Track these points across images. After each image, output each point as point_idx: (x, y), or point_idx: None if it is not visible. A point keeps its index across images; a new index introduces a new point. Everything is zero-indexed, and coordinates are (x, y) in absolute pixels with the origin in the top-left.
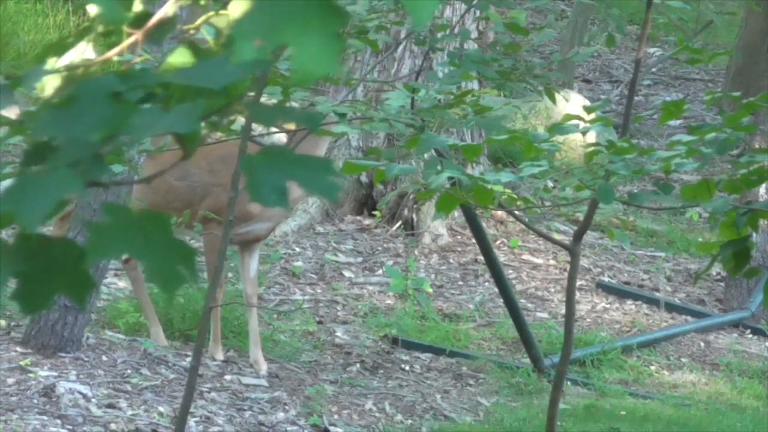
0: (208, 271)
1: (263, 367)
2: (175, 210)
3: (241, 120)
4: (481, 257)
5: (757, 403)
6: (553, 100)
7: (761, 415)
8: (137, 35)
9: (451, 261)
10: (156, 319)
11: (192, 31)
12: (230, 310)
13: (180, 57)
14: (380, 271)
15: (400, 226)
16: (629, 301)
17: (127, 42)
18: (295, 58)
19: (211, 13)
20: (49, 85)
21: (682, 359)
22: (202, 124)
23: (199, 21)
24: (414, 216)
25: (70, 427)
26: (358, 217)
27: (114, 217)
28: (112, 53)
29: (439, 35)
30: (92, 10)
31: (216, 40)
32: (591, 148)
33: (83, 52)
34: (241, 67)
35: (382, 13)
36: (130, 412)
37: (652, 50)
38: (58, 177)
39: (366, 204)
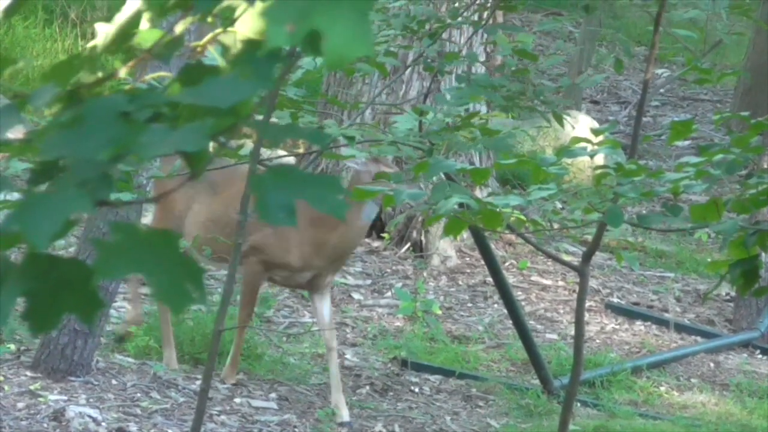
0: (240, 299)
1: (345, 413)
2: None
3: (250, 144)
4: (490, 279)
5: (767, 423)
6: (561, 125)
7: None
8: (145, 54)
9: (460, 283)
10: (172, 342)
11: (199, 49)
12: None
13: (186, 76)
14: (389, 293)
15: (408, 248)
16: (638, 322)
17: (135, 61)
18: (328, 42)
19: (219, 30)
20: (56, 105)
21: (692, 380)
22: (211, 143)
23: (205, 39)
24: (422, 238)
25: None
26: (367, 240)
27: (122, 235)
28: (121, 72)
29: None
30: (101, 30)
31: (224, 57)
32: (599, 171)
33: (91, 71)
34: (249, 86)
35: (390, 38)
36: None
37: (660, 71)
38: (67, 196)
39: (374, 226)
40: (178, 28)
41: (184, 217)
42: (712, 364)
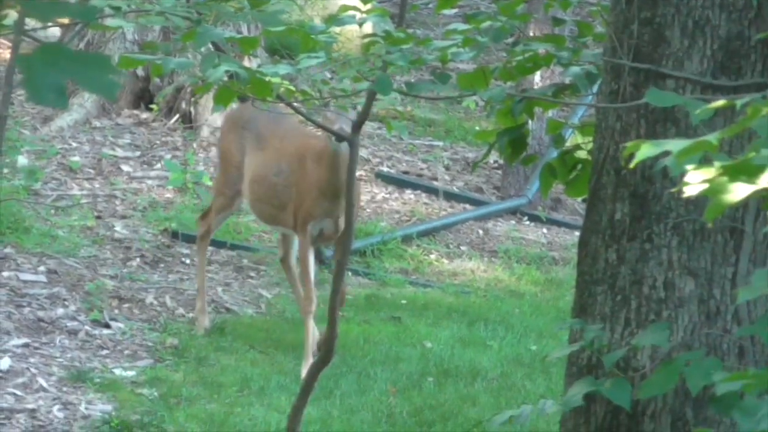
0: (302, 279)
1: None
2: (275, 208)
3: (13, 15)
4: None
5: (535, 289)
6: None
7: (539, 300)
8: None
9: None
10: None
11: None
12: (7, 206)
13: None
14: (159, 165)
15: (178, 120)
16: (408, 191)
17: None
18: None
19: None
20: None
21: (462, 247)
22: None
23: None
24: (192, 109)
25: None
26: (135, 111)
27: None
28: None
29: None
30: None
31: None
32: (368, 39)
33: None
34: None
35: None
36: None
37: None
38: None
39: (143, 98)
40: None
41: (241, 168)
42: (480, 232)
